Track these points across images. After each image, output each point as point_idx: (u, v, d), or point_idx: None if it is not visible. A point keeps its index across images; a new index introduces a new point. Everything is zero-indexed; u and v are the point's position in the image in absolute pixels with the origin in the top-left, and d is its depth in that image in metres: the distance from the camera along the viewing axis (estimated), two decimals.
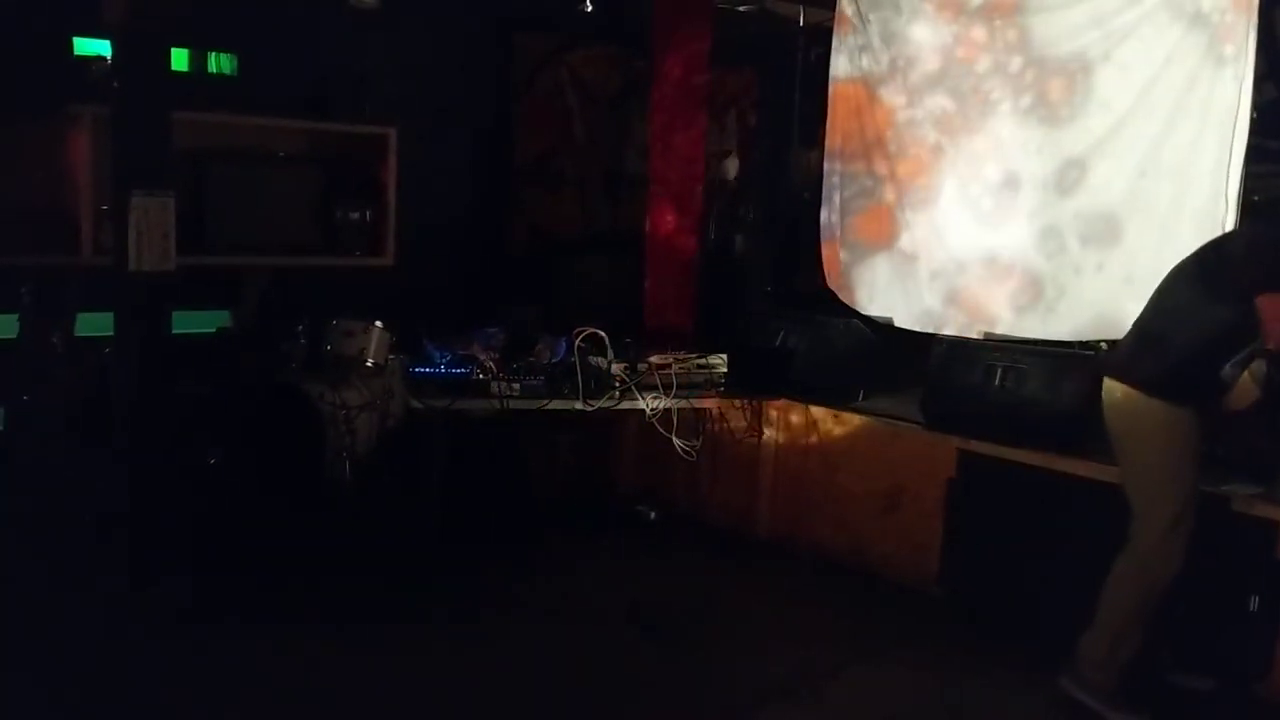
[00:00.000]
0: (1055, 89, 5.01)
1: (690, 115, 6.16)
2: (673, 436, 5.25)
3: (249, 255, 5.37)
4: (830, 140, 5.88)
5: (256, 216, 5.34)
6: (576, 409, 5.18)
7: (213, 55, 5.38)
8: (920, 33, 5.47)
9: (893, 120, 5.59)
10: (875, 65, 5.65)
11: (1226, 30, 4.49)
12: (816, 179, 6.10)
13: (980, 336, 5.18)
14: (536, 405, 5.10)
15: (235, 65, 5.45)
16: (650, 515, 5.88)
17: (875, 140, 5.66)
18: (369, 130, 5.72)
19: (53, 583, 4.19)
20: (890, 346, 5.59)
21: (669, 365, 5.22)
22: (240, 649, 4.14)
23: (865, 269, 5.74)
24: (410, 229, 5.83)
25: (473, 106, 6.39)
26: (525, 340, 5.42)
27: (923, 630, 4.65)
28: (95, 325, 4.64)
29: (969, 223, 5.35)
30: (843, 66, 5.81)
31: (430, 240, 5.97)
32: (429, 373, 5.12)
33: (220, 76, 5.41)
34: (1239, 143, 4.46)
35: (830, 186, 5.87)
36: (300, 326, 5.08)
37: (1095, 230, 4.92)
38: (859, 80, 5.73)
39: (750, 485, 5.73)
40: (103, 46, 4.78)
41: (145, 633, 4.13)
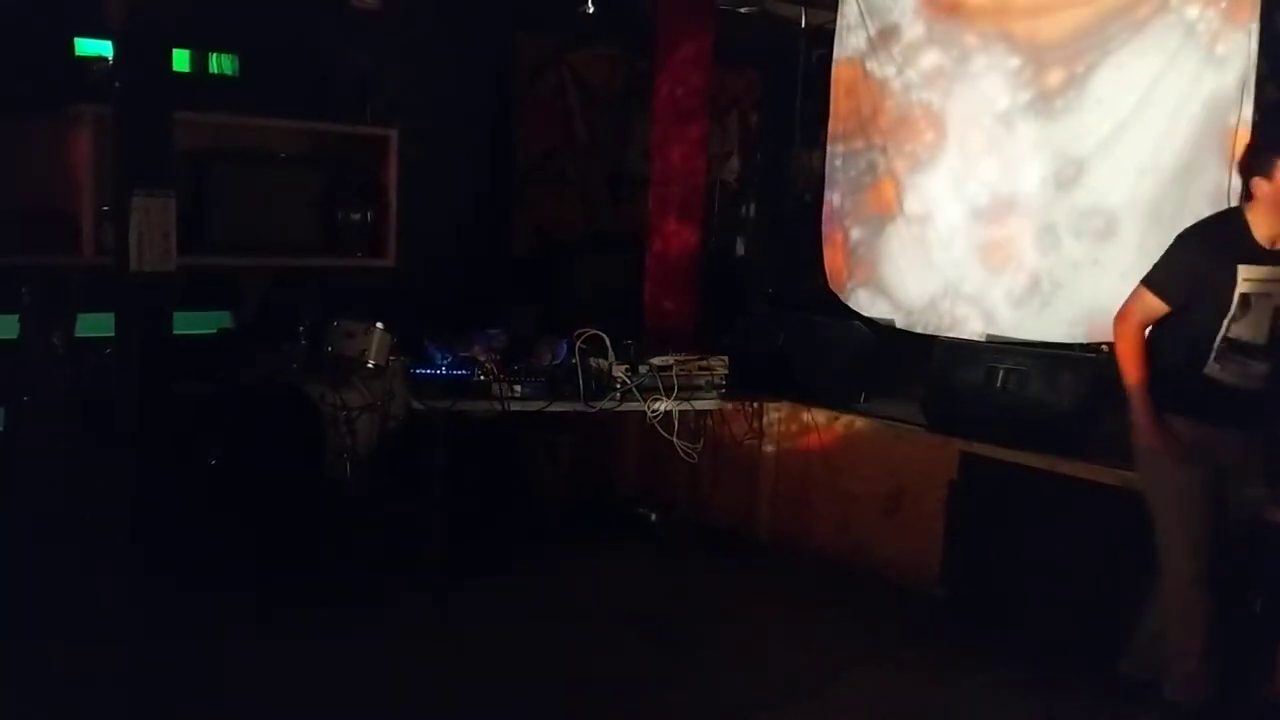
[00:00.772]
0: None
1: (692, 116, 6.15)
2: (674, 438, 5.24)
3: (250, 256, 5.36)
4: (832, 127, 5.90)
5: (257, 217, 5.32)
6: (577, 411, 5.18)
7: (214, 56, 5.36)
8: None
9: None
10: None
11: (1218, 34, 4.51)
12: (818, 180, 6.10)
13: (983, 338, 5.18)
14: (537, 407, 5.10)
15: (236, 66, 5.43)
16: (651, 517, 5.88)
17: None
18: (370, 131, 5.71)
19: (53, 583, 4.18)
20: (891, 348, 5.59)
21: (670, 367, 5.21)
22: (240, 649, 4.15)
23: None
24: (411, 230, 5.82)
25: (474, 107, 6.39)
26: (526, 341, 5.42)
27: (924, 632, 4.65)
28: (96, 326, 4.62)
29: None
30: (835, 51, 5.88)
31: (431, 241, 5.96)
32: (430, 374, 5.11)
33: (221, 77, 5.39)
34: (1240, 144, 4.45)
35: (834, 170, 5.88)
36: (301, 327, 5.07)
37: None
38: (851, 61, 5.80)
39: (751, 487, 5.73)
40: (104, 47, 4.77)
41: (145, 632, 4.12)
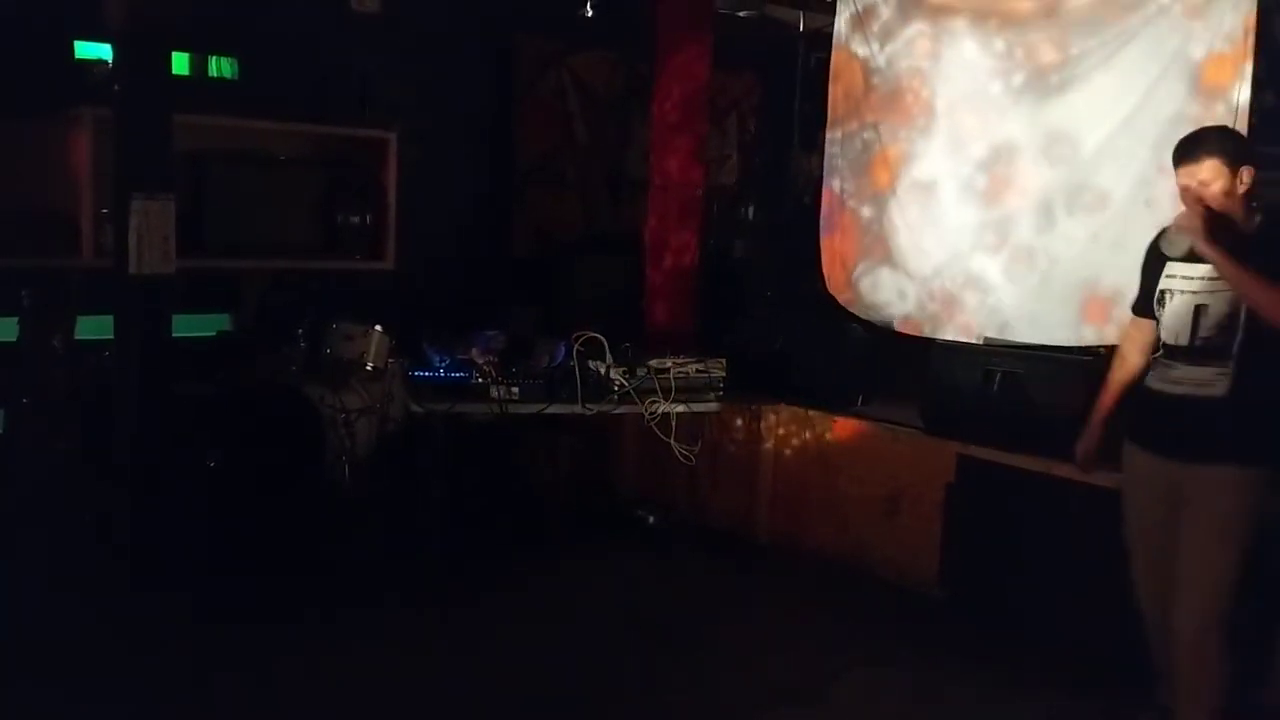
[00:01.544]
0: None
1: (691, 119, 6.16)
2: (672, 441, 5.24)
3: (249, 258, 5.37)
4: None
5: (257, 219, 5.33)
6: (576, 413, 5.18)
7: (213, 58, 5.38)
8: None
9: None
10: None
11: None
12: (817, 183, 6.09)
13: (980, 340, 5.18)
14: (536, 409, 5.10)
15: (236, 68, 5.44)
16: (650, 519, 5.88)
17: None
18: (370, 133, 5.71)
19: (52, 584, 4.18)
20: (889, 351, 5.59)
21: (668, 369, 5.22)
22: (240, 651, 4.14)
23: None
24: (411, 232, 5.83)
25: (474, 109, 6.40)
26: (525, 343, 5.42)
27: (923, 633, 4.65)
28: (96, 328, 4.63)
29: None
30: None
31: (431, 243, 5.97)
32: (428, 376, 5.12)
33: (221, 80, 5.41)
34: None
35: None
36: (300, 329, 5.08)
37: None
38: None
39: (750, 489, 5.74)
40: (103, 50, 4.78)
41: (145, 634, 4.13)
